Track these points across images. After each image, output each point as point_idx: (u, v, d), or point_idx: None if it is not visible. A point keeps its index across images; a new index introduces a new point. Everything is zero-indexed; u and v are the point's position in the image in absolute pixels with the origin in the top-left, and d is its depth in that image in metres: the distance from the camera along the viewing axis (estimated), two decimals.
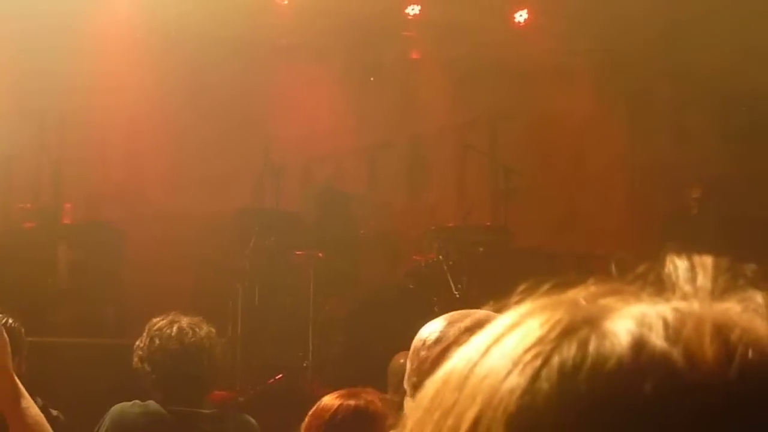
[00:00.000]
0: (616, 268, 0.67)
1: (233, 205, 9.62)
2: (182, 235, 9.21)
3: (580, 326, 0.59)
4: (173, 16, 9.47)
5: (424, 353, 2.23)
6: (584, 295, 0.63)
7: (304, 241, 8.91)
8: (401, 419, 2.27)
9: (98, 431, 3.79)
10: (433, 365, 2.17)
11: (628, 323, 0.59)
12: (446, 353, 0.65)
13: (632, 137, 10.96)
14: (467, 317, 2.25)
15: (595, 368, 0.57)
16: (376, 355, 5.56)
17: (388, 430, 2.89)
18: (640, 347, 0.57)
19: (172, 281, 8.85)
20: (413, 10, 10.68)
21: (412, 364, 2.28)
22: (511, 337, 0.61)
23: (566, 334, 0.59)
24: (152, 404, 3.78)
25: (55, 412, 3.73)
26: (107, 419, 3.78)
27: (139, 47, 9.76)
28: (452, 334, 2.21)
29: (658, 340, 0.57)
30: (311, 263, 8.48)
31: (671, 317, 0.59)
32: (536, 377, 0.58)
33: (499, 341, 0.61)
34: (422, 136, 11.04)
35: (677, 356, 0.57)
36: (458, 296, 8.45)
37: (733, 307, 0.61)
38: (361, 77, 10.95)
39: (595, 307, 0.61)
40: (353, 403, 2.96)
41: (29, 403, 2.64)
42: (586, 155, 10.85)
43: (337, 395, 3.02)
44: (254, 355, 8.53)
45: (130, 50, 9.69)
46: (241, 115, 10.11)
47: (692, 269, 0.64)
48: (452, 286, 8.49)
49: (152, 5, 9.59)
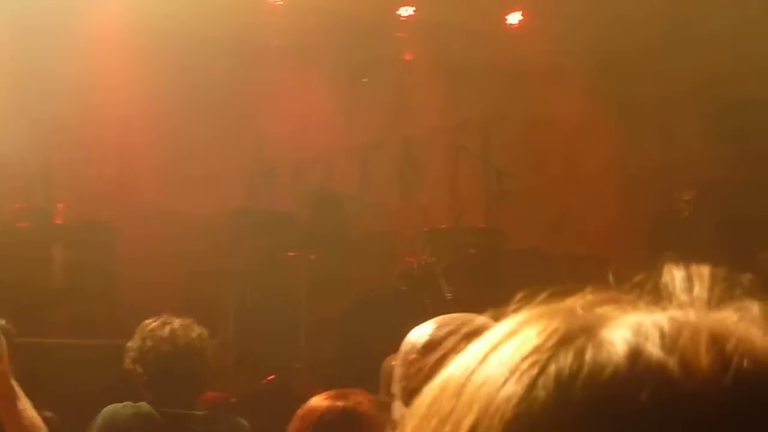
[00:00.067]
0: (613, 275, 0.67)
1: (225, 205, 9.61)
2: (175, 235, 9.19)
3: (576, 335, 0.60)
4: (164, 15, 9.45)
5: (412, 357, 2.23)
6: (581, 303, 0.63)
7: (296, 241, 8.91)
8: (397, 425, 2.27)
9: None
10: (421, 369, 2.17)
11: (624, 332, 0.59)
12: (435, 357, 0.66)
13: (625, 139, 10.97)
14: (456, 321, 2.25)
15: (591, 377, 0.57)
16: (368, 356, 5.54)
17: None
18: (636, 356, 0.58)
19: (164, 281, 8.84)
20: (406, 11, 10.68)
21: (401, 368, 2.27)
22: (508, 345, 0.61)
23: (563, 342, 0.59)
24: (144, 406, 3.77)
25: (48, 413, 3.73)
26: (99, 420, 3.77)
27: (130, 46, 9.74)
28: (441, 337, 2.20)
29: (654, 349, 0.58)
30: (303, 264, 8.48)
31: (668, 326, 0.59)
32: (533, 385, 0.58)
33: (496, 349, 0.62)
34: (415, 137, 11.03)
35: (673, 365, 0.57)
36: (451, 298, 8.45)
37: (729, 316, 0.61)
38: (353, 78, 10.94)
39: (591, 315, 0.61)
40: (341, 404, 2.96)
41: (26, 404, 2.64)
42: (579, 157, 10.87)
43: (325, 396, 3.02)
44: (246, 355, 8.53)
45: (121, 49, 9.67)
46: (233, 114, 10.10)
47: (689, 279, 0.64)
48: (445, 287, 8.50)
49: (143, 4, 9.57)
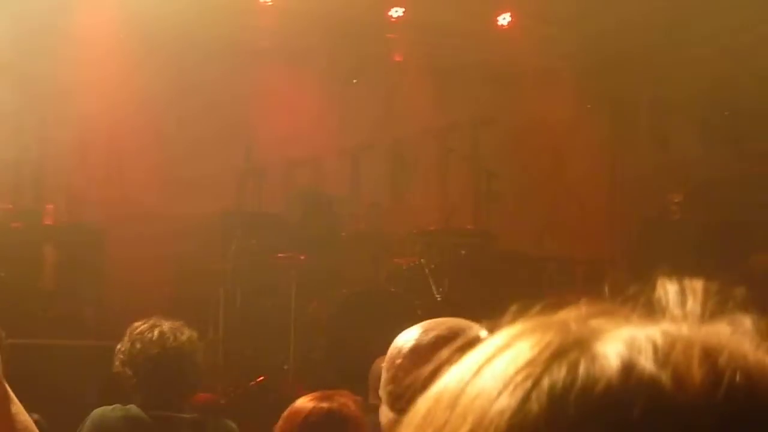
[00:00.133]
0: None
1: (215, 206, 9.60)
2: (164, 236, 9.18)
3: (570, 348, 0.60)
4: (154, 18, 9.43)
5: (398, 362, 2.23)
6: (574, 316, 0.63)
7: (286, 243, 8.90)
8: (384, 430, 2.27)
9: None
10: (408, 374, 2.18)
11: (617, 346, 0.59)
12: (426, 368, 0.66)
13: (614, 142, 11.00)
14: (442, 325, 2.25)
15: (584, 390, 0.57)
16: (357, 358, 5.55)
17: None
18: (629, 370, 0.58)
19: (154, 282, 8.83)
20: (397, 12, 10.67)
21: (387, 372, 2.27)
22: (502, 357, 0.61)
23: (556, 356, 0.59)
24: (133, 408, 3.76)
25: (35, 415, 3.71)
26: (88, 423, 3.76)
27: (121, 48, 9.72)
28: (427, 342, 2.20)
29: (647, 363, 0.58)
30: (293, 265, 8.47)
31: (660, 340, 0.59)
32: (526, 399, 0.58)
33: (490, 361, 0.62)
34: (405, 138, 11.04)
35: (666, 379, 0.57)
36: (440, 299, 8.46)
37: (722, 330, 0.61)
38: (343, 79, 10.94)
39: (585, 329, 0.62)
40: (326, 405, 2.96)
41: (18, 408, 2.62)
42: (568, 159, 10.89)
43: (310, 398, 3.02)
44: (236, 357, 8.52)
45: (111, 51, 9.64)
46: (223, 116, 10.08)
47: (682, 292, 0.64)
48: (434, 289, 8.51)
49: (133, 7, 9.56)
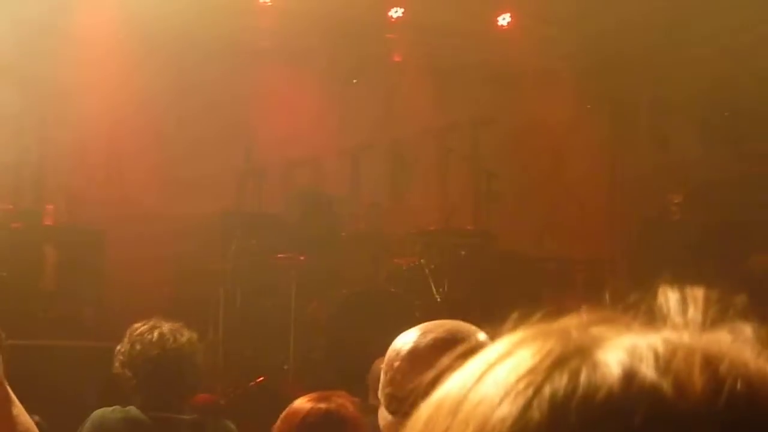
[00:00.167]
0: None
1: (215, 207, 9.60)
2: (164, 236, 9.18)
3: (571, 356, 0.60)
4: (154, 18, 9.43)
5: (396, 364, 2.23)
6: (576, 324, 0.63)
7: (286, 243, 8.90)
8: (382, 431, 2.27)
9: None
10: (405, 376, 2.18)
11: (619, 354, 0.59)
12: (419, 365, 0.66)
13: (614, 142, 10.99)
14: (440, 328, 2.25)
15: (585, 398, 0.57)
16: (357, 358, 5.56)
17: None
18: (630, 378, 0.58)
19: (154, 283, 8.83)
20: (396, 12, 10.67)
21: (385, 374, 2.27)
22: (503, 365, 0.61)
23: (558, 364, 0.59)
24: (133, 410, 3.76)
25: (35, 417, 3.71)
26: (88, 424, 3.76)
27: (121, 48, 9.71)
28: (425, 345, 2.20)
29: (648, 371, 0.58)
30: (293, 266, 8.47)
31: (662, 348, 0.59)
32: (528, 406, 0.58)
33: (492, 369, 0.62)
34: (404, 138, 11.04)
35: (667, 387, 0.57)
36: (440, 299, 8.46)
37: (723, 338, 0.61)
38: (343, 79, 10.94)
39: (586, 336, 0.62)
40: (324, 406, 2.95)
41: (20, 410, 2.61)
42: (567, 159, 10.88)
43: (308, 398, 3.01)
44: (236, 357, 8.52)
45: (111, 51, 9.64)
46: (223, 116, 10.08)
47: (683, 300, 0.65)
48: (434, 289, 8.50)
49: (134, 7, 9.56)
